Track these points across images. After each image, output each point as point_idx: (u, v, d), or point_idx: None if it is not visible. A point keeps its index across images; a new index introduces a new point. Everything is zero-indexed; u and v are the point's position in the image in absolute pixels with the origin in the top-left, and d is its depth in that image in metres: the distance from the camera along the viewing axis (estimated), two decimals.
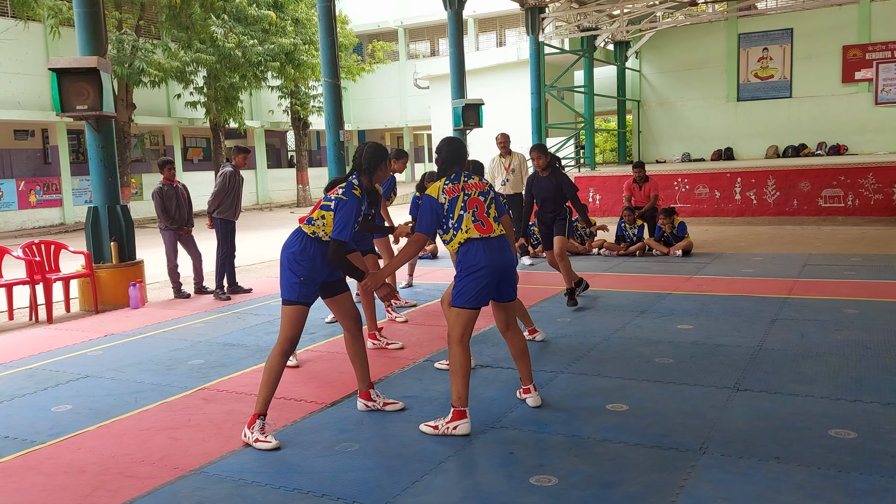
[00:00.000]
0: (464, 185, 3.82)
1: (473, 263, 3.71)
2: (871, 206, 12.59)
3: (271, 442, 3.61)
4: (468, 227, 3.74)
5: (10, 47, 18.44)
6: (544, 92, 16.69)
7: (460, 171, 3.88)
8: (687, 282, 7.66)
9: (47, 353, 5.78)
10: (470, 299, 3.70)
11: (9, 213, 18.98)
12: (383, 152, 3.92)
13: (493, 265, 3.72)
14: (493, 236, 3.78)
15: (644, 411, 3.91)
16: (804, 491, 2.91)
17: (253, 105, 26.59)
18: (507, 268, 3.80)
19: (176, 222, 7.97)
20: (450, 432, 3.65)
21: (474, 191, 3.83)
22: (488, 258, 3.71)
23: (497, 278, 3.77)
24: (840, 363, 4.58)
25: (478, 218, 3.77)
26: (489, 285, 3.74)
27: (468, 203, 3.78)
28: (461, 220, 3.75)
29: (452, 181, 3.84)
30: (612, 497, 2.96)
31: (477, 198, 3.82)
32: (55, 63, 7.29)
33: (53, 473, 3.41)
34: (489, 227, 3.78)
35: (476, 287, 3.70)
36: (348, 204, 3.68)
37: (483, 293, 3.73)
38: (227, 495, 3.11)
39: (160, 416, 4.18)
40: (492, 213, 3.84)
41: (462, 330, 3.71)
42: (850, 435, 3.45)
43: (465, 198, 3.79)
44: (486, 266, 3.70)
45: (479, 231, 3.74)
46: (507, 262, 3.80)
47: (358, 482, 3.20)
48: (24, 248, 7.37)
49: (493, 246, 3.76)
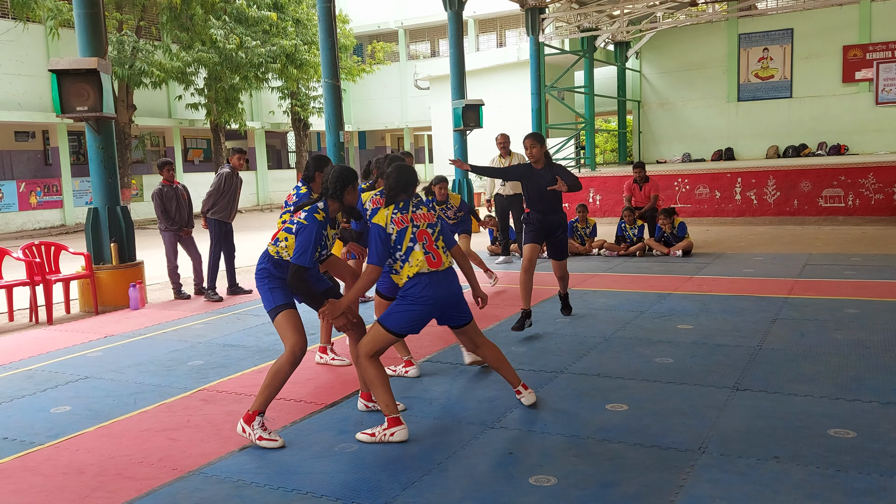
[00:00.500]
0: (412, 216, 3.72)
1: (417, 295, 3.65)
2: (871, 206, 12.58)
3: (277, 440, 3.61)
4: (418, 261, 3.66)
5: (10, 49, 18.46)
6: (544, 92, 16.69)
7: (409, 199, 3.77)
8: (687, 282, 7.66)
9: (47, 354, 5.78)
10: (399, 326, 3.68)
11: (9, 214, 18.99)
12: (350, 175, 3.77)
13: (436, 300, 3.68)
14: (442, 270, 3.72)
15: (643, 411, 3.91)
16: (803, 490, 2.91)
17: (253, 106, 26.60)
18: (452, 299, 3.76)
19: (176, 223, 7.97)
20: (387, 439, 3.59)
21: (423, 222, 3.74)
22: (433, 293, 3.66)
23: (439, 311, 3.75)
24: (840, 363, 4.58)
25: (428, 250, 3.69)
26: (424, 318, 3.71)
27: (417, 235, 3.69)
28: (409, 253, 3.66)
29: (401, 210, 3.71)
30: (612, 497, 2.95)
31: (425, 230, 3.73)
32: (55, 64, 7.29)
33: (51, 475, 3.41)
34: (439, 259, 3.72)
35: (410, 318, 3.67)
36: (308, 228, 3.62)
37: (415, 324, 3.71)
38: (225, 496, 3.11)
39: (159, 417, 4.17)
40: (440, 244, 3.77)
41: (376, 348, 3.68)
42: (850, 434, 3.44)
43: (415, 229, 3.70)
44: (429, 302, 3.66)
45: (429, 265, 3.67)
46: (452, 295, 3.76)
47: (357, 483, 3.20)
48: (24, 249, 7.37)
49: (440, 280, 3.70)
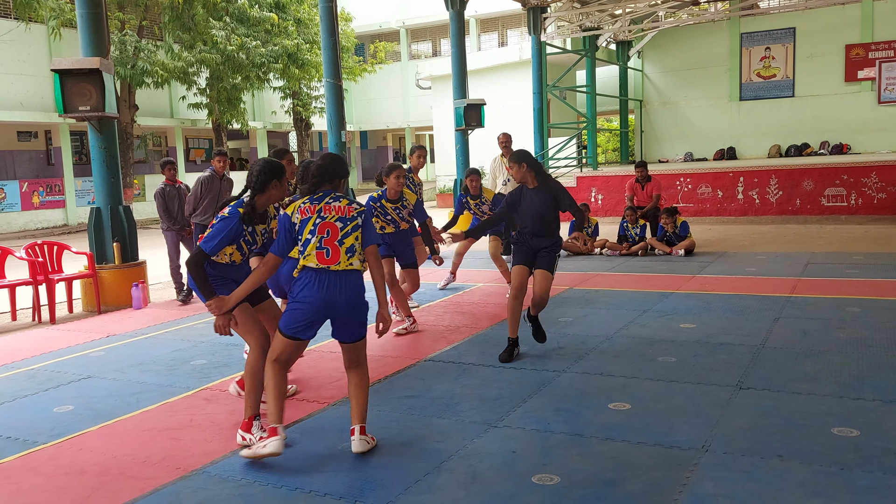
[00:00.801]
0: (322, 207, 3.44)
1: (302, 294, 3.39)
2: (874, 205, 12.56)
3: (266, 449, 3.37)
4: (308, 254, 3.40)
5: (12, 48, 18.49)
6: (546, 92, 16.68)
7: (330, 192, 3.51)
8: (689, 281, 7.65)
9: (49, 353, 5.78)
10: (289, 328, 3.43)
11: (12, 214, 19.02)
12: (276, 169, 3.61)
13: (320, 302, 3.37)
14: (335, 269, 3.38)
15: (647, 410, 3.90)
16: (806, 489, 2.90)
17: (255, 106, 26.62)
18: (344, 306, 3.40)
19: (178, 223, 7.98)
20: (259, 452, 3.35)
21: (332, 214, 3.43)
22: (314, 293, 3.37)
23: (325, 315, 3.43)
24: (842, 361, 4.57)
25: (324, 245, 3.38)
26: (309, 321, 3.41)
27: (319, 227, 3.40)
28: (306, 245, 3.41)
29: (313, 201, 3.47)
30: (615, 496, 2.95)
31: (332, 223, 3.42)
32: (58, 64, 7.30)
33: (54, 474, 3.41)
34: (335, 257, 3.39)
35: (297, 319, 3.41)
36: (227, 219, 3.54)
37: (304, 327, 3.42)
38: (228, 495, 3.11)
39: (162, 416, 4.18)
40: (347, 242, 3.41)
41: (279, 351, 3.47)
42: (853, 433, 3.43)
43: (318, 221, 3.41)
44: (310, 301, 3.38)
45: (318, 260, 3.38)
46: (343, 302, 3.40)
47: (360, 481, 3.20)
48: (27, 248, 7.38)
49: (331, 280, 3.38)
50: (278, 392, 3.47)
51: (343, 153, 11.21)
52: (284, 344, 3.47)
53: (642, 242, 9.81)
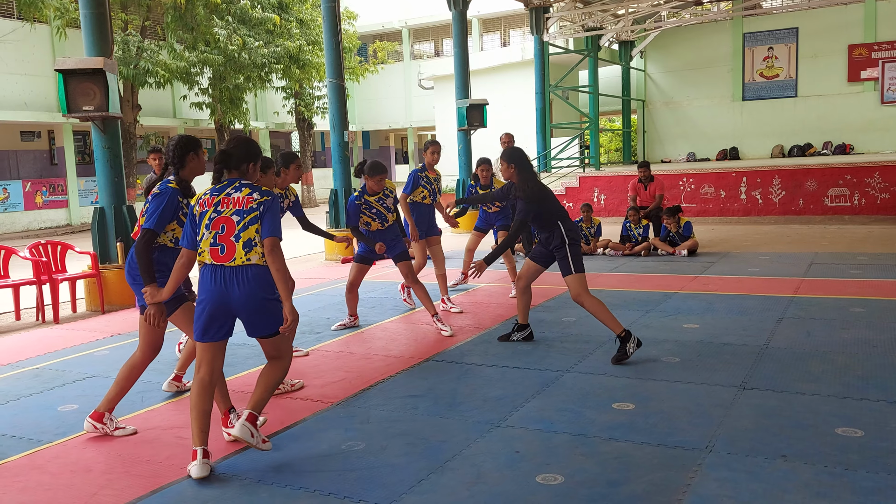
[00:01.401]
0: (221, 200, 3.29)
1: (200, 292, 3.30)
2: (877, 206, 12.55)
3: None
4: (203, 250, 3.28)
5: (16, 48, 18.53)
6: (549, 92, 16.68)
7: (234, 181, 3.34)
8: (693, 281, 7.64)
9: (54, 353, 5.80)
10: (197, 332, 3.33)
11: (15, 213, 19.07)
12: (191, 143, 3.70)
13: (214, 299, 3.25)
14: (230, 265, 3.24)
15: (650, 410, 3.90)
16: (811, 489, 2.90)
17: (258, 106, 26.65)
18: (241, 301, 3.25)
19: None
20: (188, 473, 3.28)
21: (229, 208, 3.27)
22: (212, 289, 3.25)
23: (228, 311, 3.29)
24: (847, 362, 4.57)
25: (218, 241, 3.25)
26: (213, 319, 3.29)
27: (214, 222, 3.26)
28: (201, 240, 3.30)
29: (214, 192, 3.32)
30: (619, 495, 2.95)
31: (228, 217, 3.26)
32: (61, 64, 7.31)
33: (59, 473, 3.42)
34: (230, 253, 3.24)
35: (199, 320, 3.30)
36: (161, 195, 3.63)
37: (208, 327, 3.30)
38: (233, 494, 3.12)
39: (167, 415, 4.19)
40: (244, 236, 3.24)
41: (198, 363, 3.35)
42: (857, 433, 3.43)
43: (214, 215, 3.27)
44: (206, 299, 3.26)
45: (213, 257, 3.26)
46: (241, 296, 3.24)
47: (364, 481, 3.20)
48: (30, 248, 7.40)
49: (226, 276, 3.24)
50: (203, 413, 3.31)
51: (346, 153, 11.22)
52: (200, 351, 3.34)
53: (645, 243, 9.81)
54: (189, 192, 3.74)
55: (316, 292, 8.09)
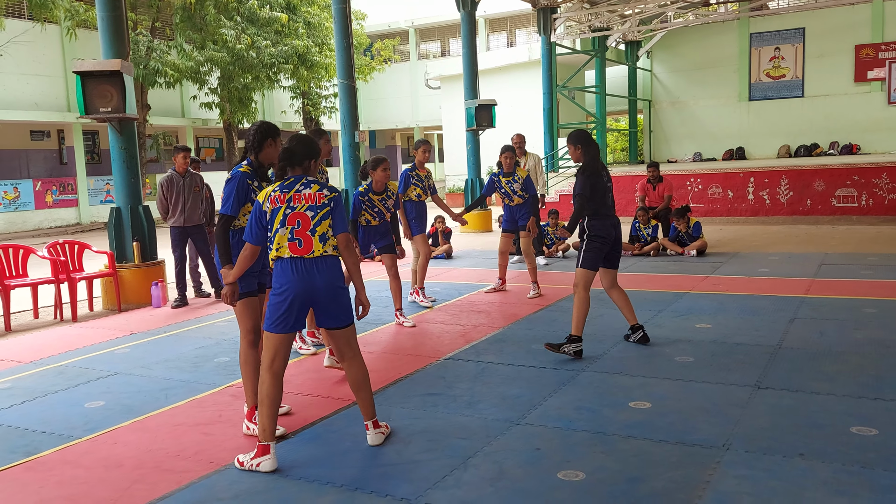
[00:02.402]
0: (292, 196, 3.39)
1: (279, 285, 3.39)
2: (885, 206, 12.58)
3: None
4: (280, 245, 3.38)
5: (27, 49, 18.66)
6: (556, 92, 16.73)
7: (301, 177, 3.46)
8: (703, 281, 7.70)
9: (75, 350, 5.89)
10: (273, 324, 3.41)
11: (26, 212, 19.20)
12: (270, 129, 3.83)
13: (297, 289, 3.36)
14: (310, 257, 3.37)
15: (667, 409, 3.97)
16: (830, 487, 2.97)
17: (265, 105, 26.75)
18: (321, 293, 3.40)
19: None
20: (253, 468, 3.36)
21: (302, 204, 3.39)
22: (294, 281, 3.36)
23: (305, 304, 3.42)
24: (860, 361, 4.63)
25: (296, 236, 3.36)
26: (292, 310, 3.39)
27: (289, 218, 3.37)
28: (275, 236, 3.39)
29: (284, 188, 3.42)
30: (640, 492, 3.02)
31: (303, 213, 3.38)
32: (79, 66, 7.41)
33: (93, 467, 3.50)
34: (307, 246, 3.36)
35: (278, 311, 3.39)
36: (231, 180, 3.76)
37: (286, 318, 3.39)
38: (263, 489, 3.20)
39: (191, 412, 4.27)
40: (319, 230, 3.38)
41: (271, 355, 3.43)
42: (872, 432, 3.50)
43: (288, 211, 3.37)
44: (289, 290, 3.36)
45: (291, 250, 3.36)
46: (322, 288, 3.38)
47: (388, 477, 3.28)
48: (49, 247, 7.49)
49: (306, 268, 3.37)
50: (273, 404, 3.41)
51: (356, 153, 11.30)
52: (274, 343, 3.42)
53: (654, 243, 9.86)
54: (264, 177, 3.85)
55: None
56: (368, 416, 3.63)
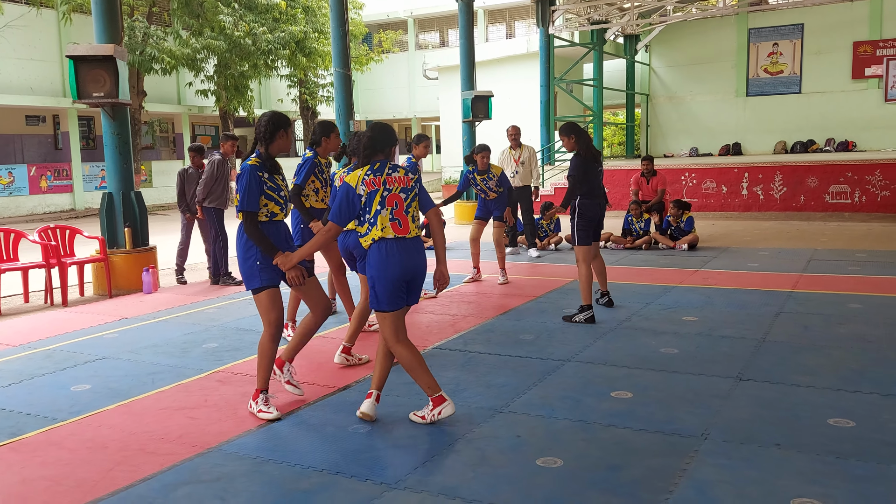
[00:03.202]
0: (385, 179, 3.60)
1: (387, 265, 3.56)
2: (877, 203, 12.62)
3: (272, 413, 3.84)
4: (384, 226, 3.56)
5: (23, 34, 18.57)
6: (553, 84, 16.72)
7: (386, 161, 3.67)
8: (693, 275, 7.74)
9: (64, 335, 5.90)
10: (387, 303, 3.61)
11: (20, 197, 19.16)
12: (282, 120, 3.85)
13: (403, 265, 3.58)
14: (409, 238, 3.61)
15: (649, 399, 4.00)
16: (804, 476, 3.01)
17: (262, 94, 26.69)
18: (418, 270, 3.66)
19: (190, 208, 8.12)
20: (437, 418, 3.67)
21: (396, 186, 3.61)
22: (401, 260, 3.57)
23: (407, 279, 3.64)
24: (842, 356, 4.67)
25: (395, 216, 3.57)
26: (400, 286, 3.62)
27: (387, 199, 3.57)
28: (377, 217, 3.56)
29: (375, 172, 3.61)
30: (619, 479, 3.06)
31: (397, 194, 3.60)
32: (72, 50, 7.39)
33: (77, 449, 3.53)
34: (406, 227, 3.60)
35: (388, 290, 3.59)
36: (241, 174, 3.77)
37: (397, 294, 3.62)
38: (245, 471, 3.23)
39: (177, 396, 4.29)
40: (411, 211, 3.64)
41: (393, 331, 3.65)
42: (850, 424, 3.54)
43: (385, 193, 3.58)
44: (396, 267, 3.57)
45: (394, 231, 3.57)
46: (418, 265, 3.65)
47: (371, 461, 3.31)
48: (40, 232, 7.49)
49: (407, 247, 3.60)
50: (420, 364, 3.67)
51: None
52: (393, 319, 3.63)
53: (646, 236, 9.90)
54: (274, 168, 3.86)
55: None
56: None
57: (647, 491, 2.94)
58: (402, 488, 3.04)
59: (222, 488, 3.07)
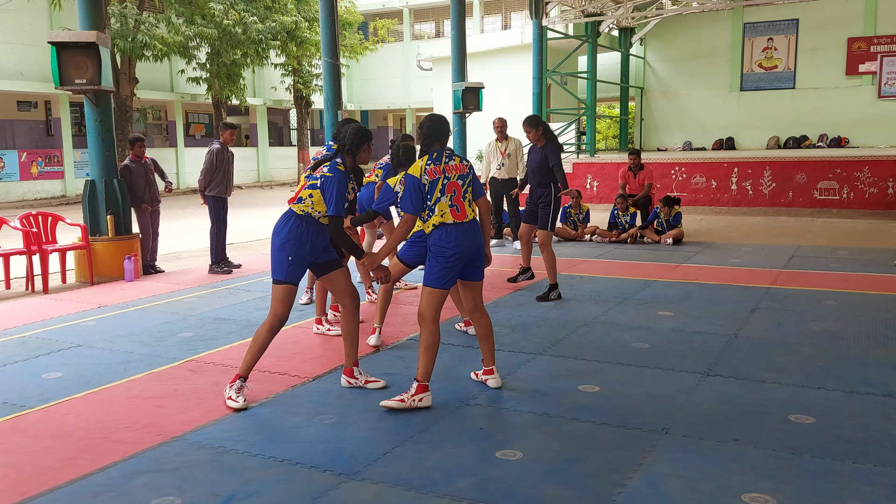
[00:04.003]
0: (444, 168, 3.87)
1: (445, 247, 3.82)
2: (865, 200, 12.65)
3: (239, 402, 3.87)
4: (444, 212, 3.82)
5: (13, 17, 18.45)
6: (546, 77, 16.67)
7: (442, 150, 3.92)
8: (674, 270, 7.76)
9: (41, 322, 5.91)
10: (440, 281, 3.85)
11: (10, 183, 19.09)
12: (367, 134, 4.03)
13: (462, 250, 3.84)
14: (466, 221, 3.88)
15: (614, 393, 4.03)
16: (757, 471, 3.04)
17: (256, 82, 26.56)
18: (476, 250, 3.92)
19: (143, 200, 8.08)
20: (416, 404, 3.78)
21: (454, 174, 3.88)
22: (459, 243, 3.83)
23: (465, 261, 3.90)
24: (811, 352, 4.70)
25: (454, 203, 3.84)
26: (456, 268, 3.87)
27: (447, 187, 3.84)
28: (437, 204, 3.83)
29: (434, 161, 3.87)
30: (574, 472, 3.08)
31: (455, 181, 3.88)
32: (55, 37, 7.35)
33: (40, 436, 3.54)
34: (463, 212, 3.87)
35: (444, 270, 3.84)
36: (334, 179, 3.84)
37: (451, 275, 3.87)
38: (206, 461, 3.25)
39: (147, 385, 4.31)
40: (468, 196, 3.92)
41: (435, 309, 3.85)
42: (809, 420, 3.57)
43: (445, 181, 3.84)
44: (456, 252, 3.82)
45: (453, 216, 3.83)
46: (476, 246, 3.92)
47: (332, 452, 3.33)
48: (21, 219, 7.48)
49: (466, 230, 3.86)
50: (436, 351, 3.83)
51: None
52: (438, 298, 3.86)
53: (632, 230, 9.91)
54: (358, 178, 4.12)
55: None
56: (489, 362, 4.12)
57: (601, 484, 2.97)
58: (359, 479, 3.06)
59: (181, 477, 3.09)
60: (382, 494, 2.93)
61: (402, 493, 2.94)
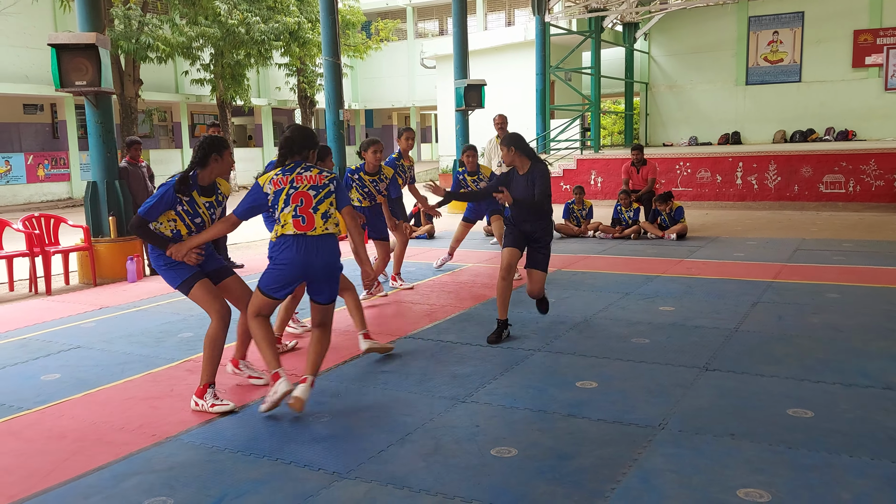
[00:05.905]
0: (294, 178, 3.68)
1: (281, 257, 3.68)
2: (871, 193, 12.54)
3: (228, 405, 3.83)
4: (286, 222, 3.66)
5: (18, 21, 18.55)
6: (549, 73, 16.61)
7: (300, 162, 3.76)
8: (677, 265, 7.71)
9: (42, 323, 5.93)
10: (268, 288, 3.75)
11: (17, 186, 19.22)
12: (215, 143, 3.78)
13: (299, 265, 3.66)
14: (312, 235, 3.66)
15: (612, 388, 4.00)
16: (751, 465, 3.00)
17: (260, 83, 26.61)
18: (321, 270, 3.71)
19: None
20: (277, 393, 3.65)
21: (304, 184, 3.68)
22: (297, 257, 3.65)
23: (303, 277, 3.72)
24: (811, 346, 4.65)
25: (299, 213, 3.65)
26: (290, 282, 3.72)
27: (292, 197, 3.66)
28: (281, 213, 3.67)
29: (284, 172, 3.71)
30: (567, 468, 3.06)
31: (306, 192, 3.67)
32: (54, 38, 7.37)
33: (34, 439, 3.55)
34: (310, 223, 3.66)
35: (276, 280, 3.71)
36: (162, 186, 3.72)
37: (282, 287, 3.73)
38: (198, 461, 3.24)
39: (144, 386, 4.31)
40: (321, 208, 3.68)
41: (257, 309, 3.79)
42: (807, 414, 3.53)
43: (291, 191, 3.66)
44: (292, 264, 3.66)
45: (296, 227, 3.64)
46: (323, 265, 3.70)
47: (325, 450, 3.32)
48: (24, 221, 7.52)
49: (311, 244, 3.66)
50: (269, 341, 3.79)
51: (341, 132, 11.26)
52: (262, 302, 3.79)
53: (635, 226, 9.86)
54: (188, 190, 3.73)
55: None
56: (310, 370, 3.83)
57: (593, 480, 2.95)
58: (352, 478, 3.05)
59: (173, 477, 3.09)
60: (374, 492, 2.91)
61: (394, 491, 2.92)
